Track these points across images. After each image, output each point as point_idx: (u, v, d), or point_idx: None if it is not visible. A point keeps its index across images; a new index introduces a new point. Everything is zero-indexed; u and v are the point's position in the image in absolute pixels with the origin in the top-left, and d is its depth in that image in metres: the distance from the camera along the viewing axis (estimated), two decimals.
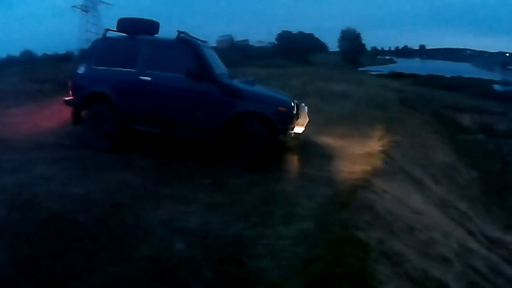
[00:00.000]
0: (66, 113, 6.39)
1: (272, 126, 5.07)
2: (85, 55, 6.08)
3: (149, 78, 5.47)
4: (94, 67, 5.79)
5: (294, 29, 61.67)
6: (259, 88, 5.78)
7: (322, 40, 71.66)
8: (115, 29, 5.90)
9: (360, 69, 43.27)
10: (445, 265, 4.56)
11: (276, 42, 59.25)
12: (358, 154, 6.42)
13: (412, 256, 4.21)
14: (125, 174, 4.62)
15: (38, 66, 24.10)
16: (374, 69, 42.50)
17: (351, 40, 52.30)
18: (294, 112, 5.28)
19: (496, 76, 47.38)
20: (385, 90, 16.84)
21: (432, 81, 26.25)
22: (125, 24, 5.85)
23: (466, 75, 35.32)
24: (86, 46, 48.88)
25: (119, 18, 5.92)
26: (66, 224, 3.40)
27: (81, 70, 5.89)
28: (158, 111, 5.55)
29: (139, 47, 5.61)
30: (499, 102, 19.33)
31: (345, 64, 44.45)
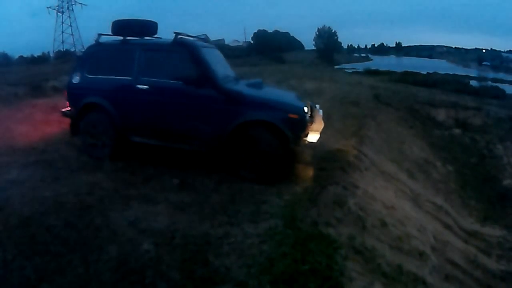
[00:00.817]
0: (39, 115, 6.62)
1: (282, 136, 4.70)
2: (79, 63, 5.78)
3: (146, 87, 5.22)
4: (88, 75, 5.60)
5: (270, 28, 62.66)
6: (267, 92, 5.38)
7: (297, 38, 73.07)
8: (110, 33, 5.62)
9: (335, 66, 44.17)
10: (421, 259, 4.62)
11: (251, 41, 59.98)
12: (329, 151, 6.44)
13: (386, 251, 4.25)
14: (95, 176, 4.77)
15: (13, 68, 23.49)
16: (349, 67, 43.35)
17: (326, 38, 53.42)
18: (307, 118, 4.89)
19: (472, 72, 49.14)
20: (359, 87, 17.13)
21: (408, 77, 26.82)
22: (119, 26, 5.56)
23: (441, 72, 36.43)
24: (62, 47, 49.77)
25: (112, 20, 5.63)
26: (37, 227, 3.53)
27: (75, 79, 5.69)
28: (158, 122, 5.31)
29: (133, 52, 5.36)
30: (475, 97, 20.00)
31: (320, 62, 45.24)
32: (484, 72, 53.69)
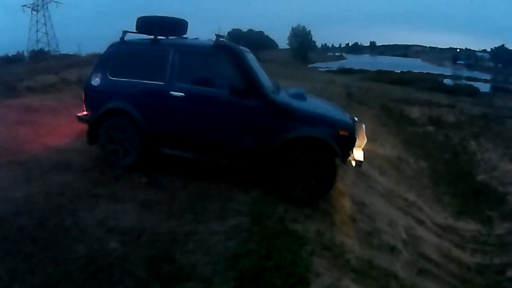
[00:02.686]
0: (12, 116, 6.43)
1: (331, 153, 4.48)
2: (100, 63, 5.32)
3: (182, 94, 4.81)
4: (111, 77, 5.16)
5: (244, 27, 62.98)
6: (313, 105, 5.09)
7: (272, 37, 73.80)
8: (134, 31, 5.24)
9: (309, 65, 44.95)
10: (392, 254, 4.72)
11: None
12: None
13: (355, 247, 4.32)
14: (66, 176, 4.81)
15: None
16: (323, 66, 44.21)
17: (301, 37, 54.43)
18: (356, 135, 4.65)
19: (446, 70, 50.92)
20: (332, 86, 17.48)
21: (382, 76, 27.69)
22: (146, 23, 5.19)
23: (416, 70, 37.67)
24: (36, 46, 48.87)
25: (138, 16, 5.27)
26: (8, 228, 3.59)
27: (95, 81, 5.22)
28: (194, 134, 4.96)
29: (166, 54, 4.93)
30: (449, 95, 20.79)
31: (294, 61, 45.93)
32: (458, 71, 55.77)
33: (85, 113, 5.44)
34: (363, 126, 4.87)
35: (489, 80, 55.08)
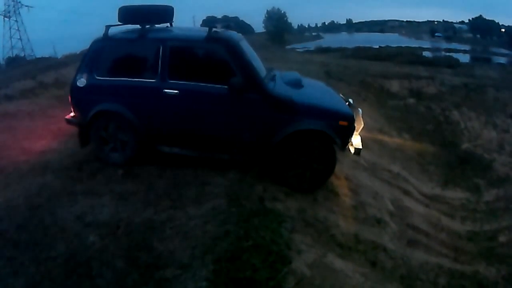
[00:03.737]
0: None
1: (331, 143, 4.51)
2: (84, 62, 4.97)
3: (175, 92, 4.61)
4: (98, 77, 4.86)
5: (218, 14, 62.66)
6: (310, 93, 5.02)
7: (247, 22, 73.57)
8: (117, 23, 4.94)
9: (287, 47, 45.02)
10: (379, 227, 4.66)
11: None
12: None
13: (340, 221, 4.25)
14: (44, 177, 4.80)
15: None
16: (301, 46, 44.27)
17: (276, 20, 54.41)
18: (355, 124, 4.66)
19: (425, 44, 51.49)
20: (310, 65, 17.31)
21: (360, 52, 27.78)
22: (129, 13, 4.91)
23: (394, 45, 37.89)
24: (12, 53, 48.72)
25: (119, 7, 4.94)
26: None
27: (80, 82, 4.91)
28: (192, 132, 4.82)
29: (156, 49, 4.68)
30: (428, 67, 20.94)
31: (271, 44, 45.77)
32: (437, 43, 56.35)
33: (72, 114, 5.16)
34: (360, 110, 4.88)
35: (468, 51, 55.97)
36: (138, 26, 4.92)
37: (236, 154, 4.75)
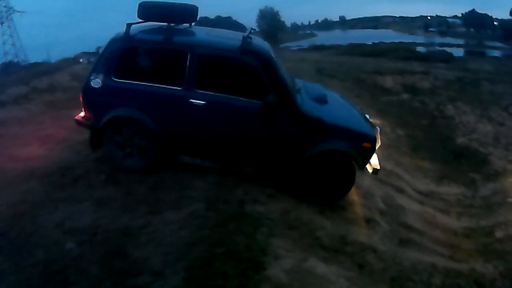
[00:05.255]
0: None
1: (353, 162, 4.56)
2: (100, 61, 4.68)
3: (203, 102, 4.42)
4: (115, 79, 4.57)
5: (211, 15, 62.87)
6: (336, 110, 5.05)
7: (240, 22, 73.71)
8: (139, 20, 4.71)
9: (280, 45, 45.10)
10: (369, 227, 4.50)
11: None
12: None
13: (326, 223, 4.08)
14: (29, 183, 4.74)
15: None
16: (295, 45, 44.37)
17: (269, 19, 54.70)
18: (376, 146, 4.71)
19: (418, 39, 51.58)
20: (303, 63, 17.22)
21: (353, 49, 27.65)
22: (150, 10, 4.70)
23: (387, 41, 37.83)
24: (5, 59, 49.04)
25: (139, 2, 4.72)
26: None
27: (95, 82, 4.62)
28: (217, 144, 4.65)
29: (184, 55, 4.42)
30: (422, 62, 20.88)
31: None
32: (431, 38, 56.47)
33: (83, 115, 4.89)
34: (378, 129, 4.92)
35: (462, 45, 56.03)
36: (156, 23, 4.77)
37: (259, 169, 4.65)
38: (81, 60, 28.63)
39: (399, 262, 4.17)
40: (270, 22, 54.42)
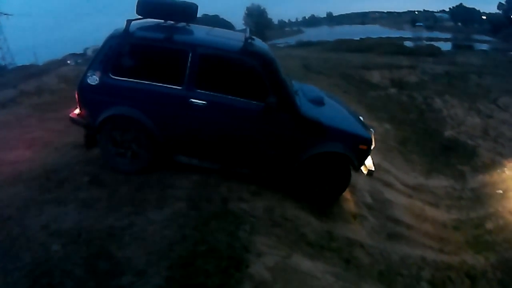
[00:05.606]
0: None
1: (350, 164, 4.64)
2: (98, 58, 4.60)
3: (203, 102, 4.39)
4: (113, 76, 4.49)
5: (198, 13, 62.80)
6: (333, 113, 5.08)
7: (227, 20, 73.71)
8: (139, 17, 4.61)
9: (268, 43, 45.08)
10: (356, 222, 4.48)
11: None
12: None
13: (311, 219, 4.04)
14: (16, 187, 4.69)
15: None
16: (282, 42, 44.49)
17: (256, 16, 54.84)
18: (372, 148, 4.80)
19: (406, 33, 51.97)
20: (290, 60, 17.14)
21: (340, 45, 27.77)
22: (149, 7, 4.59)
23: (375, 36, 38.03)
24: None
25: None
26: None
27: (92, 79, 4.53)
28: (216, 145, 4.63)
29: (185, 54, 4.39)
30: (410, 56, 21.00)
31: None
32: (418, 32, 56.92)
33: (78, 112, 4.77)
34: (372, 131, 4.98)
35: (450, 39, 56.62)
36: (154, 21, 4.70)
37: (257, 169, 4.68)
38: (68, 62, 28.45)
39: (387, 257, 4.16)
40: (257, 20, 54.66)
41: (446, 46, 36.39)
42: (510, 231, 5.58)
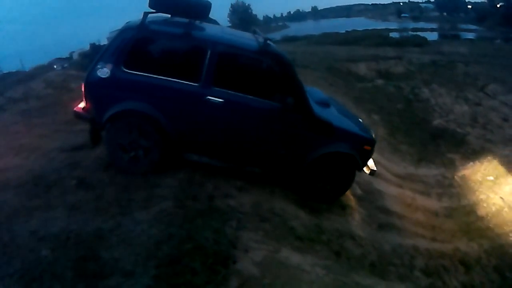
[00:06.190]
0: None
1: (355, 164, 4.77)
2: (109, 50, 4.45)
3: (220, 100, 4.35)
4: (126, 70, 4.35)
5: None
6: (339, 115, 5.20)
7: (212, 17, 73.51)
8: (152, 10, 4.47)
9: None
10: (346, 214, 4.46)
11: None
12: None
13: (300, 212, 4.04)
14: (5, 194, 4.64)
15: None
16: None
17: (241, 13, 54.85)
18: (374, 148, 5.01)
19: (392, 25, 52.32)
20: None
21: (326, 39, 28.02)
22: (165, 1, 4.51)
23: (360, 28, 38.23)
24: None
25: None
26: None
27: (102, 72, 4.38)
28: (229, 142, 4.61)
29: (203, 51, 4.35)
30: (396, 47, 21.22)
31: None
32: (404, 23, 57.33)
33: (83, 106, 4.59)
34: (372, 131, 5.19)
35: (436, 29, 57.04)
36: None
37: (268, 168, 4.74)
38: (55, 67, 28.29)
39: (379, 247, 4.17)
40: (242, 16, 54.64)
41: (432, 36, 36.63)
42: (503, 216, 5.63)
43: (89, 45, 39.84)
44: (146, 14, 4.34)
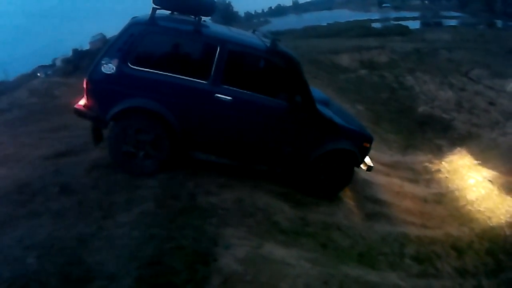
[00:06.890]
0: None
1: (354, 160, 4.98)
2: (115, 45, 4.36)
3: (229, 98, 4.35)
4: (132, 66, 4.26)
5: (165, 11, 62.98)
6: (339, 114, 5.33)
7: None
8: (158, 6, 4.41)
9: None
10: (331, 205, 4.45)
11: None
12: None
13: (284, 206, 4.03)
14: None
15: None
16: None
17: (222, 11, 54.90)
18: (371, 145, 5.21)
19: (373, 15, 52.67)
20: None
21: (308, 32, 28.13)
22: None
23: (342, 20, 38.36)
24: None
25: None
26: None
27: (107, 68, 4.28)
28: (235, 141, 4.65)
29: (213, 49, 4.35)
30: (378, 37, 21.35)
31: None
32: (385, 13, 57.74)
33: (84, 102, 4.47)
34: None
35: (418, 17, 57.55)
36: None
37: (274, 166, 4.84)
38: (38, 74, 27.94)
39: (367, 237, 4.16)
40: (224, 14, 54.75)
41: (414, 25, 36.88)
42: (493, 199, 5.67)
43: (71, 50, 39.41)
44: (154, 9, 4.32)
